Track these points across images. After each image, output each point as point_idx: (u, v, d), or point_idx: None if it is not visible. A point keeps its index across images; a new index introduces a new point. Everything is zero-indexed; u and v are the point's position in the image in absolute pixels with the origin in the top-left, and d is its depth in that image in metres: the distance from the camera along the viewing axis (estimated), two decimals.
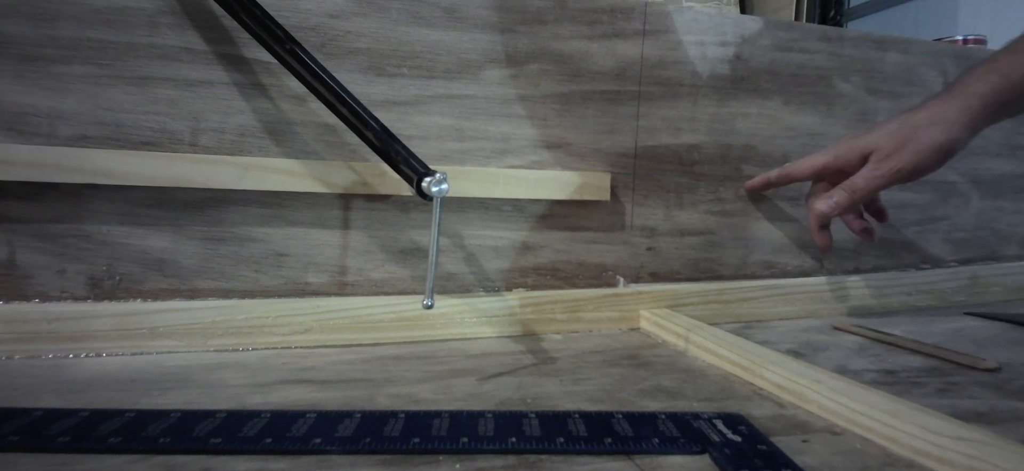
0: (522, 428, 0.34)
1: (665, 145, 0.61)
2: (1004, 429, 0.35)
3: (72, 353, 0.45)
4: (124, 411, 0.34)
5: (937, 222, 0.73)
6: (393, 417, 0.34)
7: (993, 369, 0.46)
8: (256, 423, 0.33)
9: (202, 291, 0.49)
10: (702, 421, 0.35)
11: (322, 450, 0.31)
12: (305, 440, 0.31)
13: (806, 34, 0.65)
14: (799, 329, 0.59)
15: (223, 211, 0.49)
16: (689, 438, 0.33)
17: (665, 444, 0.32)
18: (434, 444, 0.32)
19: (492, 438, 0.32)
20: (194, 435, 0.32)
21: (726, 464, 0.30)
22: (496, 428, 0.33)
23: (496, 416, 0.35)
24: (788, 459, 0.31)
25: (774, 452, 0.31)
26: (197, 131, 0.48)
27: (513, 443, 0.32)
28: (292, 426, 0.33)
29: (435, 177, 0.44)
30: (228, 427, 0.33)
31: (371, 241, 0.53)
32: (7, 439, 0.31)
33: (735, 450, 0.32)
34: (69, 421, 0.33)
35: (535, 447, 0.32)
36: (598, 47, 0.57)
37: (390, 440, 0.32)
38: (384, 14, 0.51)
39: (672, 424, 0.35)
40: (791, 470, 0.30)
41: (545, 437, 0.33)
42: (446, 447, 0.31)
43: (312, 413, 0.35)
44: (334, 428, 0.33)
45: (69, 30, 0.45)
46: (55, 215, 0.46)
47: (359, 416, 0.34)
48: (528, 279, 0.58)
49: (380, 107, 0.51)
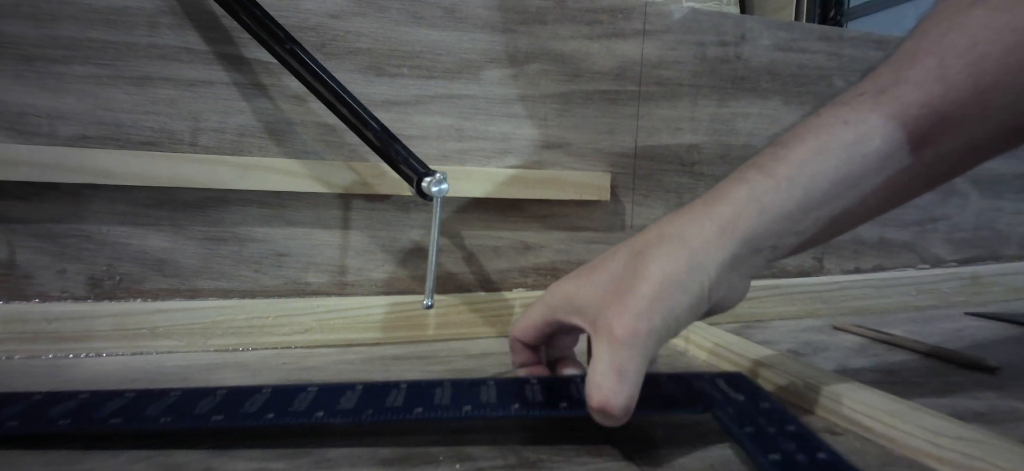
0: (525, 394, 0.33)
1: (665, 145, 0.61)
2: (1004, 429, 0.35)
3: (72, 353, 0.45)
4: (124, 392, 0.34)
5: (937, 222, 0.73)
6: (395, 388, 0.34)
7: (993, 369, 0.46)
8: (257, 399, 0.33)
9: (202, 291, 0.49)
10: (705, 381, 0.35)
11: (325, 423, 0.30)
12: (307, 414, 0.31)
13: (806, 34, 0.65)
14: (799, 329, 0.59)
15: (223, 211, 0.49)
16: (692, 398, 0.33)
17: (669, 404, 0.32)
18: (437, 413, 0.31)
19: (495, 404, 0.32)
20: (195, 413, 0.31)
21: (729, 422, 0.30)
22: (499, 395, 0.33)
23: (498, 383, 0.35)
24: (792, 416, 0.30)
25: (776, 408, 0.31)
26: (197, 131, 0.48)
27: (516, 409, 0.31)
28: (293, 401, 0.32)
29: (435, 177, 0.44)
30: (229, 404, 0.32)
31: (371, 241, 0.53)
32: (6, 424, 0.30)
33: (738, 408, 0.31)
34: (69, 404, 0.32)
35: (538, 413, 0.31)
36: (598, 47, 0.57)
37: (393, 410, 0.31)
38: (384, 14, 0.51)
39: (675, 385, 0.34)
40: (794, 426, 0.30)
41: (547, 402, 0.32)
42: (449, 415, 0.31)
43: (313, 387, 0.34)
44: (336, 401, 0.32)
45: (69, 30, 0.45)
46: (55, 215, 0.46)
47: (361, 388, 0.34)
48: (528, 279, 0.58)
49: (380, 107, 0.51)
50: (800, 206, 0.31)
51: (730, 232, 0.30)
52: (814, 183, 0.30)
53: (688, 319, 0.31)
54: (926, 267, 0.72)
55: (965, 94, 0.29)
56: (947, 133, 0.30)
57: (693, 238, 0.31)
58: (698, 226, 0.31)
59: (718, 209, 0.31)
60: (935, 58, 0.30)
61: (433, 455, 0.31)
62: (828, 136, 0.31)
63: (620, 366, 0.29)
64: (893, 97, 0.31)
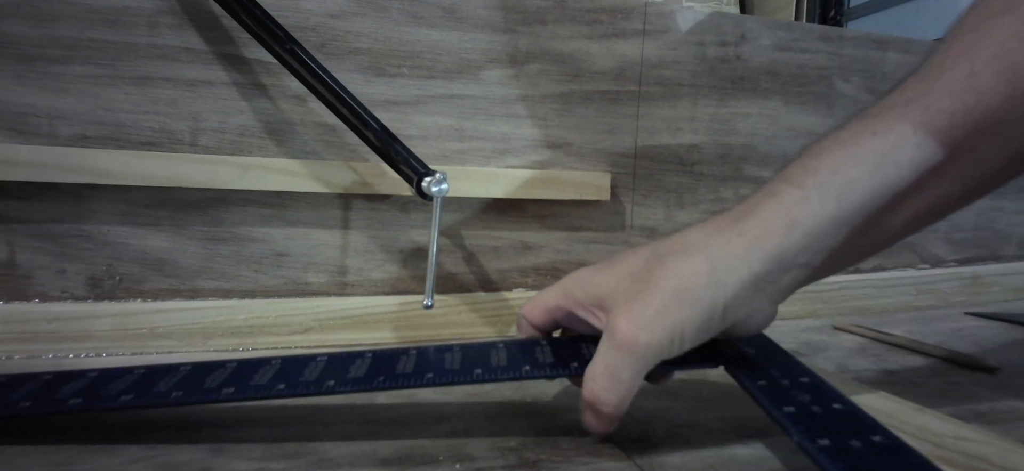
0: (536, 355, 0.33)
1: (665, 145, 0.61)
2: (1004, 429, 0.35)
3: (72, 353, 0.45)
4: (133, 368, 0.34)
5: (937, 222, 0.73)
6: (405, 354, 0.34)
7: (993, 369, 0.46)
8: (267, 370, 0.33)
9: (202, 291, 0.49)
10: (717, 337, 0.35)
11: (335, 391, 0.30)
12: (318, 383, 0.31)
13: (806, 34, 0.65)
14: (799, 329, 0.59)
15: (223, 211, 0.49)
16: (705, 354, 0.32)
17: (682, 360, 0.32)
18: (449, 377, 0.31)
19: (506, 367, 0.32)
20: (206, 387, 0.31)
21: (743, 377, 0.30)
22: (509, 357, 0.33)
23: (508, 346, 0.35)
24: (805, 368, 0.30)
25: (790, 361, 0.31)
26: (197, 131, 0.48)
27: (528, 370, 0.31)
28: (304, 370, 0.32)
29: (435, 177, 0.44)
30: (240, 375, 0.32)
31: (371, 241, 0.53)
32: (18, 405, 0.30)
33: (748, 362, 0.32)
34: (79, 383, 0.32)
35: (549, 373, 0.31)
36: (598, 47, 0.57)
37: (404, 377, 0.31)
38: (384, 14, 0.51)
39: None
40: (809, 377, 0.29)
41: (558, 363, 0.32)
42: (461, 380, 0.31)
43: (322, 357, 0.34)
44: (346, 369, 0.32)
45: (69, 30, 0.45)
46: (55, 215, 0.46)
47: (371, 356, 0.34)
48: (528, 279, 0.58)
49: (380, 107, 0.51)
50: (833, 219, 0.29)
51: (758, 248, 0.29)
52: (847, 193, 0.29)
53: (696, 337, 0.30)
54: (926, 267, 0.72)
55: (997, 101, 0.29)
56: (982, 142, 0.30)
57: (717, 253, 0.30)
58: (725, 240, 0.30)
59: (746, 224, 0.30)
60: (964, 68, 0.29)
61: (433, 455, 0.31)
62: (856, 147, 0.30)
63: (615, 369, 0.29)
64: (923, 107, 0.30)
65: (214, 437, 0.32)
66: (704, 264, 0.29)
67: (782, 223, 0.29)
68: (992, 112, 0.29)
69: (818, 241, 0.30)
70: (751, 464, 0.31)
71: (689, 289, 0.29)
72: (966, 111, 0.29)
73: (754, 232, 0.30)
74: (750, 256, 0.29)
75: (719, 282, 0.29)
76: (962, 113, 0.29)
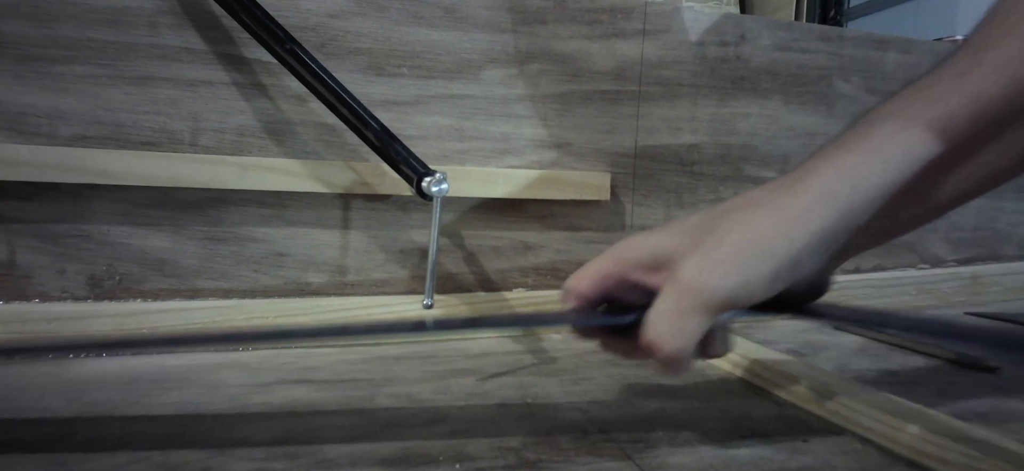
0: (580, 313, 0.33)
1: (665, 145, 0.61)
2: (1005, 429, 0.35)
3: (72, 353, 0.45)
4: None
5: (937, 222, 0.73)
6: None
7: (993, 369, 0.46)
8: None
9: (202, 291, 0.49)
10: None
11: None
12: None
13: (806, 34, 0.65)
14: (799, 329, 0.59)
15: (223, 211, 0.49)
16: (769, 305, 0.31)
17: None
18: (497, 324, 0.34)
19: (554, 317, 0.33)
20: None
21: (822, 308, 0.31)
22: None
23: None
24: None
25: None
26: (197, 131, 0.48)
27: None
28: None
29: (435, 177, 0.44)
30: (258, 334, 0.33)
31: (371, 241, 0.53)
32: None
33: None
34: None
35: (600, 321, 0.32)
36: (598, 47, 0.57)
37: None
38: (384, 14, 0.51)
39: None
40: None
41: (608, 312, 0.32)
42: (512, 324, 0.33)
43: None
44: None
45: (69, 30, 0.45)
46: (55, 215, 0.46)
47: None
48: (528, 279, 0.58)
49: (380, 107, 0.51)
50: (895, 178, 0.29)
51: (826, 204, 0.29)
52: (907, 155, 0.29)
53: (765, 289, 0.28)
54: (926, 267, 0.72)
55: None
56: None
57: (786, 207, 0.29)
58: (791, 196, 0.29)
59: (808, 182, 0.29)
60: (1018, 41, 0.29)
61: (433, 455, 0.31)
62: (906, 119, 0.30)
63: (680, 312, 0.28)
64: (979, 78, 0.29)
65: (214, 437, 0.32)
66: (773, 215, 0.29)
67: (847, 182, 0.29)
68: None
69: (877, 202, 0.29)
70: (751, 464, 0.31)
71: (760, 239, 0.28)
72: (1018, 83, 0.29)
73: (820, 190, 0.29)
74: (818, 210, 0.29)
75: (789, 234, 0.28)
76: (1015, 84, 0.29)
